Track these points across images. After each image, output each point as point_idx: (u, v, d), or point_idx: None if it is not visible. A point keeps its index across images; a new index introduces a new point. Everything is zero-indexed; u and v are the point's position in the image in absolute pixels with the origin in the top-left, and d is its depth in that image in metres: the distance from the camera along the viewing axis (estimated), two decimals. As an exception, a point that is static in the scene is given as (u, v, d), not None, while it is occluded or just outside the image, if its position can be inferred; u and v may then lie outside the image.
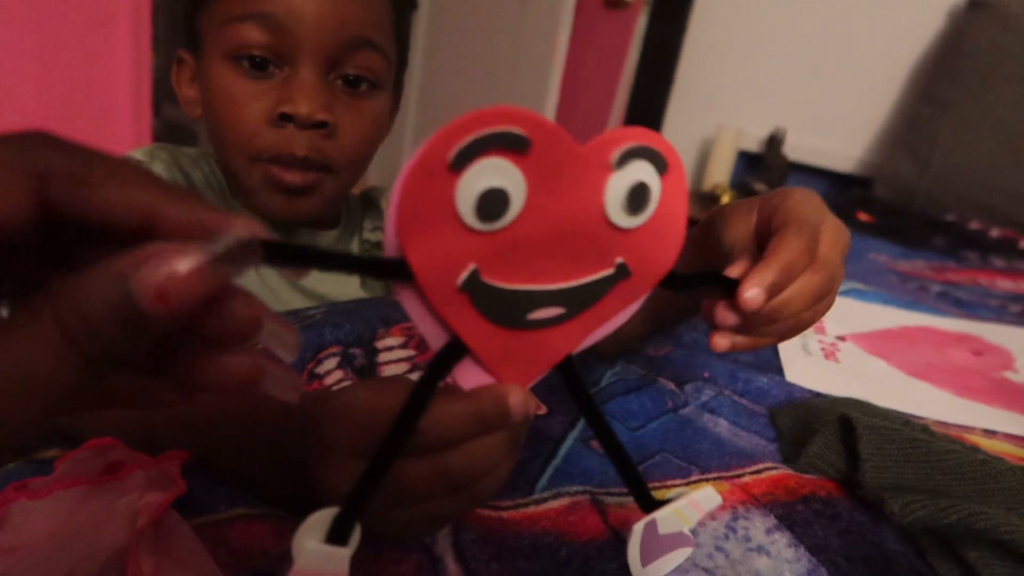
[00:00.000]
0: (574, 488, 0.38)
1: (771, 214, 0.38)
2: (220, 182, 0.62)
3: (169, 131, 1.40)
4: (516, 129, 0.21)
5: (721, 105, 1.97)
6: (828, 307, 0.38)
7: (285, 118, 0.54)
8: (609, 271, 0.25)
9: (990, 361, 0.68)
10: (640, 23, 1.89)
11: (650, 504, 0.31)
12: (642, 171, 0.24)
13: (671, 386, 0.50)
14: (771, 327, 0.36)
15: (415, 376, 0.47)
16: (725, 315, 0.33)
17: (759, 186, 1.79)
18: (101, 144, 0.20)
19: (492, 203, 0.21)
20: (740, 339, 0.36)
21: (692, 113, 1.99)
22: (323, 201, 0.59)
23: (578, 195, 0.23)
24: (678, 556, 0.33)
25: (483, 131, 0.21)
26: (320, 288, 0.65)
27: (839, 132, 1.86)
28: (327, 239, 0.67)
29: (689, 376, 0.53)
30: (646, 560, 0.31)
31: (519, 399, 0.25)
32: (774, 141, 1.82)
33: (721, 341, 0.36)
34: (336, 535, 0.23)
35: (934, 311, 0.82)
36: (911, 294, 0.92)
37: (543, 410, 0.44)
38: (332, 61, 0.55)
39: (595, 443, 0.42)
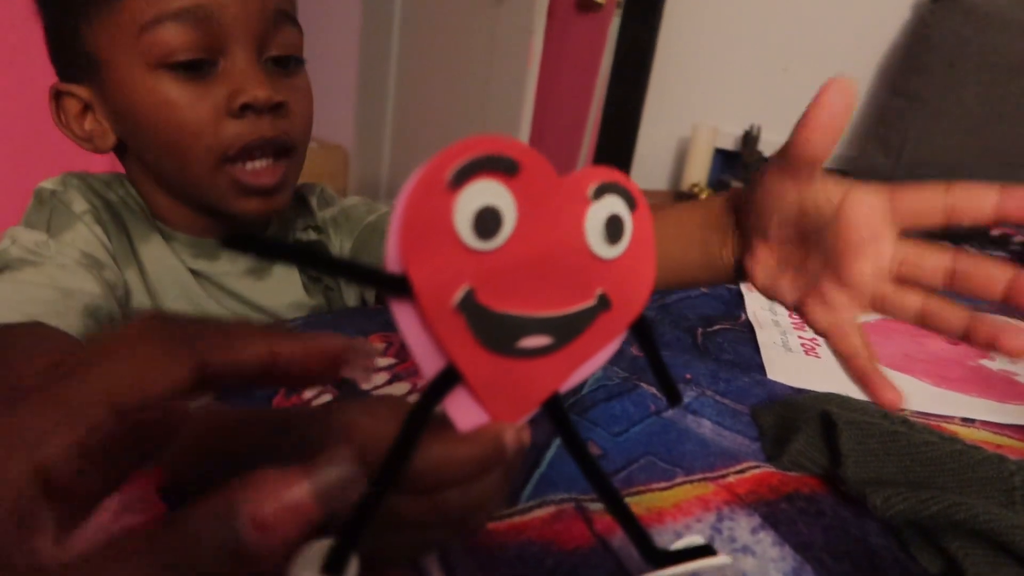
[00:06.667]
0: (559, 496, 0.38)
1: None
2: (138, 203, 0.60)
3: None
4: (507, 154, 0.24)
5: (696, 104, 1.99)
6: None
7: (246, 108, 0.52)
8: (591, 302, 0.27)
9: (967, 349, 0.69)
10: (613, 25, 1.90)
11: (654, 555, 0.30)
12: (616, 205, 0.27)
13: (652, 390, 0.51)
14: None
15: (396, 387, 0.47)
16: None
17: (737, 183, 1.81)
18: (83, 155, 0.20)
19: (487, 220, 0.24)
20: None
21: (668, 113, 2.01)
22: (289, 190, 0.59)
23: (562, 222, 0.26)
24: None
25: (478, 154, 0.23)
26: (252, 295, 0.64)
27: (812, 127, 1.88)
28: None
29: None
30: None
31: (513, 437, 0.26)
32: (749, 138, 1.84)
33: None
34: (332, 566, 0.23)
35: (911, 302, 0.83)
36: (888, 286, 0.93)
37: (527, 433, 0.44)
38: (261, 43, 0.53)
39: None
